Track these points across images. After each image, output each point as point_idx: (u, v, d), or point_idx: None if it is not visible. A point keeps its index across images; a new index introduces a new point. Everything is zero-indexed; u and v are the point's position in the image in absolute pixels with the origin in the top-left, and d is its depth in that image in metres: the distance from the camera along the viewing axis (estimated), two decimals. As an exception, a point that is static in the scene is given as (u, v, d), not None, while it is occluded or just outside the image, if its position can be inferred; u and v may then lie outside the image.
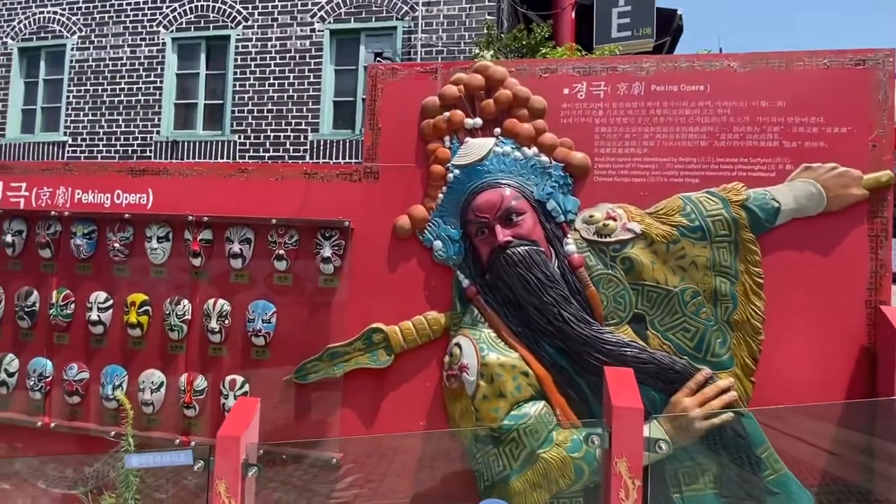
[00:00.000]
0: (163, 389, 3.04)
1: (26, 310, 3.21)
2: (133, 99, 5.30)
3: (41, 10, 5.59)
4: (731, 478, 2.41)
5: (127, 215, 3.08)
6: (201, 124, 5.19)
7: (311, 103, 4.82)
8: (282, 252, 2.90)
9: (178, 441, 2.96)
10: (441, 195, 2.80)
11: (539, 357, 2.60)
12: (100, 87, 5.40)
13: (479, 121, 2.80)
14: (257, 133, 4.90)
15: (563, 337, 2.57)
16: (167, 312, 3.02)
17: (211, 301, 2.97)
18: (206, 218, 2.98)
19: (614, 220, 2.61)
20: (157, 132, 5.22)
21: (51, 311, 3.17)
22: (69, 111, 5.50)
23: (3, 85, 5.68)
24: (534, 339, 2.62)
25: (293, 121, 4.87)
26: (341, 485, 2.87)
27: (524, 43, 5.55)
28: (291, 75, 4.83)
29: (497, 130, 2.77)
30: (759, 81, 2.57)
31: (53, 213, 3.17)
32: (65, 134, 5.46)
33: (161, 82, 5.24)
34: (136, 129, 5.27)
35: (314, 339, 2.87)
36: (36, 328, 3.25)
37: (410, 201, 2.85)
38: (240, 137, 4.91)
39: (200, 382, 2.98)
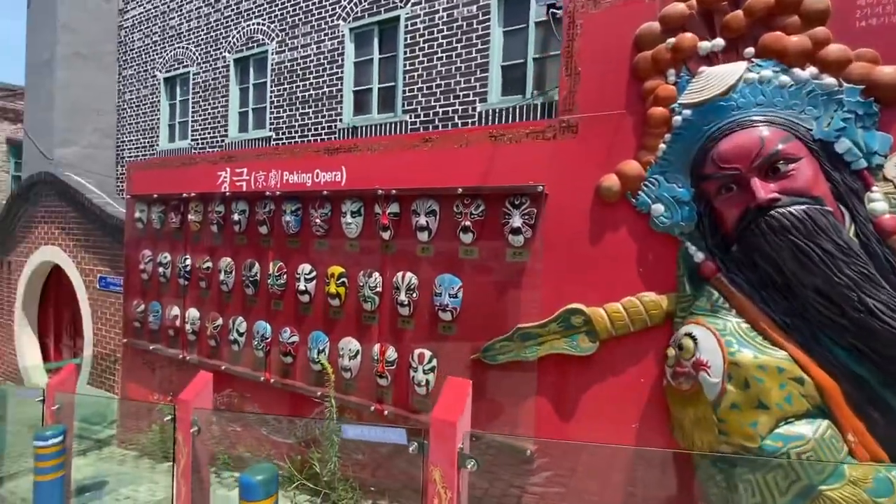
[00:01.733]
0: (359, 357, 3.16)
1: (251, 279, 3.68)
2: (319, 91, 5.80)
3: (248, 22, 6.47)
4: None
5: (325, 192, 3.24)
6: (376, 108, 5.41)
7: (478, 72, 4.55)
8: (467, 223, 2.69)
9: (372, 408, 3.05)
10: (663, 146, 2.23)
11: (820, 360, 1.89)
12: (293, 85, 6.05)
13: (719, 42, 2.14)
14: (427, 110, 4.87)
15: (863, 333, 1.81)
16: (361, 284, 3.10)
17: (400, 274, 2.95)
18: (393, 191, 2.94)
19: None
20: (340, 120, 5.62)
21: (269, 280, 3.56)
22: (272, 109, 6.31)
23: (225, 93, 6.76)
24: (811, 334, 1.91)
25: (461, 93, 4.69)
26: (536, 478, 2.59)
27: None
28: (459, 45, 4.62)
29: (749, 51, 2.07)
30: None
31: (268, 193, 3.53)
32: (269, 130, 6.27)
33: (342, 73, 5.60)
34: (323, 120, 5.77)
35: (502, 317, 2.62)
36: (258, 295, 3.70)
37: (619, 157, 2.35)
38: (411, 117, 4.94)
39: (391, 353, 2.99)
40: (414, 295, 2.90)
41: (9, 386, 5.42)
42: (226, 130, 6.97)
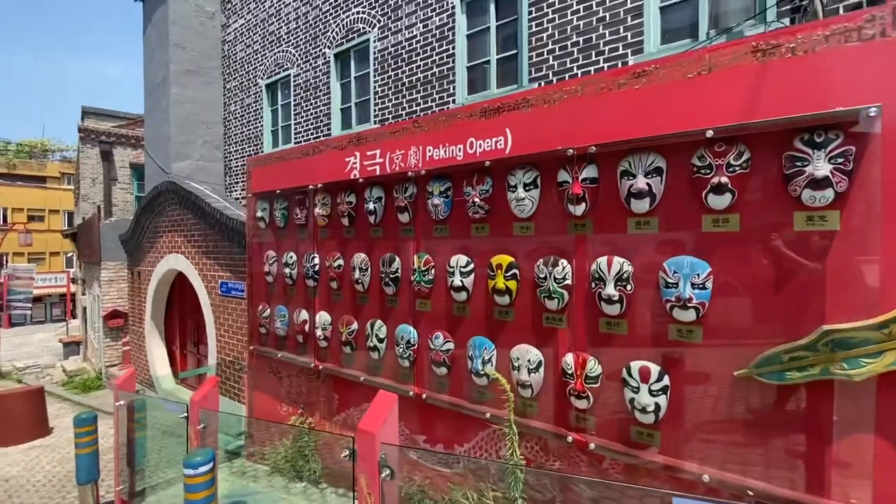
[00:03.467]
0: (541, 370, 2.47)
1: (391, 276, 3.16)
2: (428, 74, 5.30)
3: (347, 13, 6.17)
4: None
5: (487, 163, 2.60)
6: (494, 82, 4.73)
7: (629, 19, 3.69)
8: (722, 180, 1.89)
9: (569, 439, 2.34)
10: None
11: None
12: (399, 70, 5.62)
13: None
14: (560, 74, 4.11)
15: None
16: (542, 276, 2.42)
17: (602, 261, 2.21)
18: (592, 148, 2.22)
19: None
20: (453, 101, 5.06)
21: (413, 276, 3.01)
22: (376, 100, 5.94)
23: (326, 90, 6.52)
24: None
25: (605, 48, 3.87)
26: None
27: None
28: (601, -9, 3.79)
29: None
30: None
31: (410, 173, 2.98)
32: (374, 122, 5.89)
33: (452, 49, 5.03)
34: (433, 103, 5.25)
35: (792, 314, 1.78)
36: (400, 294, 3.18)
37: None
38: (540, 85, 4.19)
39: (594, 367, 2.27)
40: (628, 287, 2.15)
41: (152, 396, 5.57)
42: (329, 129, 6.75)
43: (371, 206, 3.25)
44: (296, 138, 7.31)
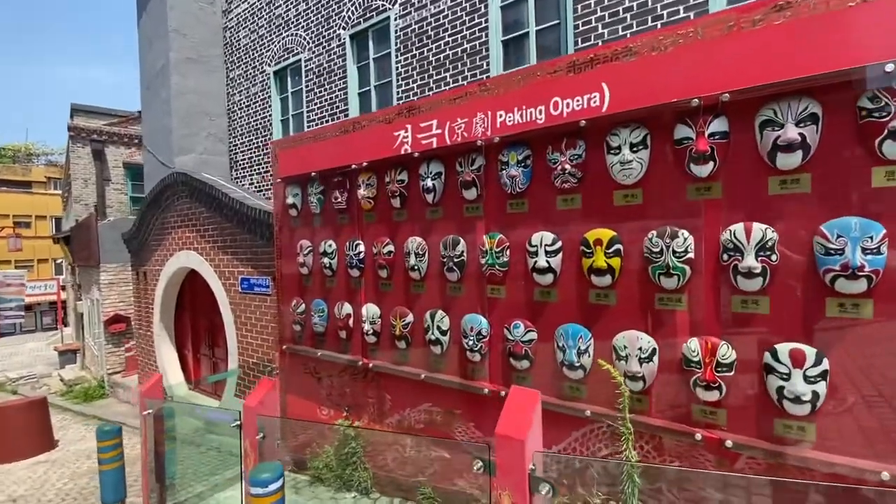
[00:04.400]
0: (655, 359, 2.15)
1: (454, 260, 2.82)
2: (458, 49, 4.95)
3: (365, -10, 5.76)
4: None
5: (583, 122, 2.27)
6: (534, 55, 4.39)
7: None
8: (908, 123, 1.58)
9: (698, 436, 2.02)
10: None
11: None
12: (424, 48, 5.27)
13: None
14: (612, 39, 3.77)
15: None
16: (656, 251, 2.09)
17: (737, 228, 1.90)
18: (724, 96, 1.90)
19: None
20: (486, 77, 4.69)
21: (483, 259, 2.67)
22: (398, 82, 5.59)
23: (342, 74, 6.15)
24: None
25: (664, 11, 3.55)
26: None
27: None
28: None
29: None
30: None
31: (480, 141, 2.64)
32: (397, 105, 5.52)
33: (485, 22, 4.69)
34: (464, 82, 4.88)
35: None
36: (465, 280, 2.84)
37: None
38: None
39: (727, 352, 1.95)
40: (772, 258, 1.83)
41: (186, 404, 5.14)
42: (346, 115, 6.37)
43: (429, 183, 2.90)
44: (309, 127, 6.91)
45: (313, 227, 3.77)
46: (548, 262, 2.42)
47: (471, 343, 2.75)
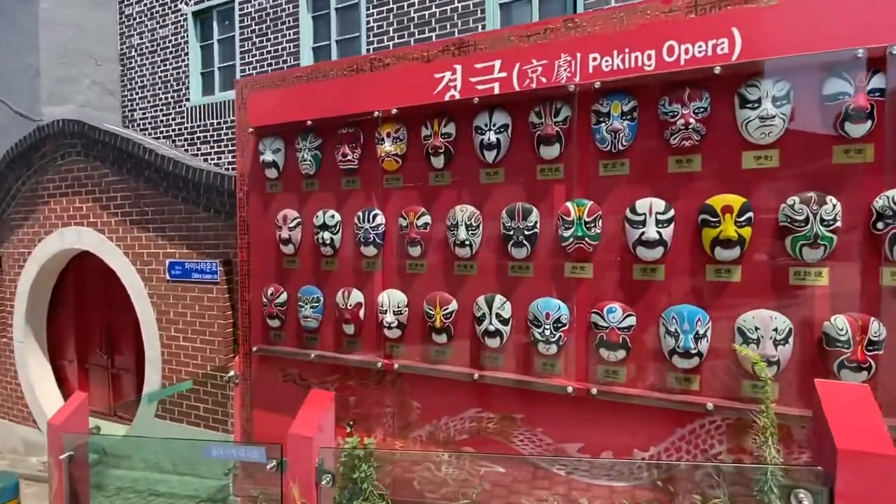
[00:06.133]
0: (791, 340, 1.91)
1: (525, 233, 2.32)
2: (448, 7, 4.36)
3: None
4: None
5: (717, 68, 1.93)
6: (536, 13, 4.04)
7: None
8: None
9: (850, 424, 1.82)
10: None
11: None
12: (405, 3, 4.56)
13: None
14: None
15: None
16: (800, 219, 1.85)
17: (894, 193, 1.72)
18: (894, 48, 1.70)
19: None
20: (483, 26, 4.22)
21: (568, 231, 2.22)
22: (370, 38, 4.81)
23: (292, 23, 5.18)
24: None
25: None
26: None
27: None
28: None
29: None
30: None
31: (572, 86, 2.17)
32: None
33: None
34: (456, 30, 4.33)
35: None
36: (535, 257, 2.36)
37: None
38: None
39: (877, 329, 1.78)
40: (943, 224, 1.69)
41: (187, 438, 3.49)
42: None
43: (491, 137, 2.35)
44: (243, 83, 5.72)
45: (304, 193, 2.94)
46: (659, 232, 2.06)
47: (546, 333, 2.27)
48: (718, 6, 1.98)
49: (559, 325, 2.27)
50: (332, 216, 2.79)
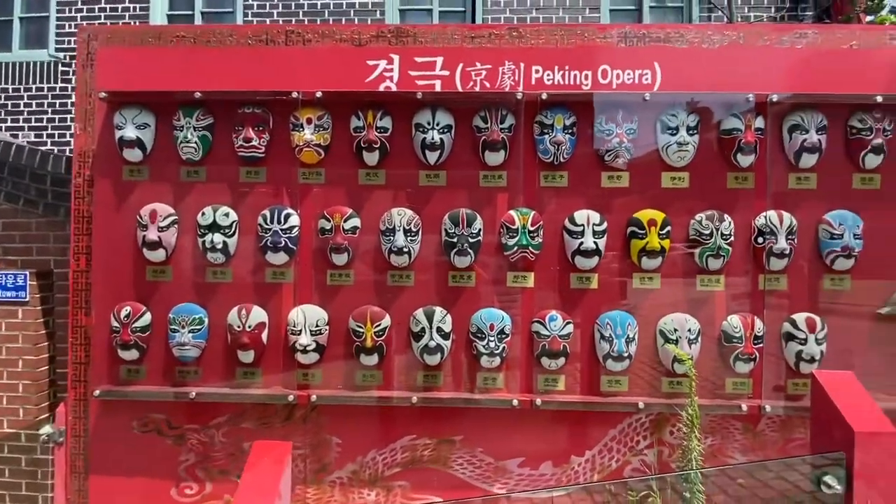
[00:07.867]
0: (700, 339, 2.18)
1: (468, 241, 2.18)
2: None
3: None
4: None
5: (647, 95, 2.14)
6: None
7: None
8: None
9: (744, 407, 2.14)
10: None
11: None
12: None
13: None
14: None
15: None
16: (706, 233, 2.14)
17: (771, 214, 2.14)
18: (773, 96, 2.12)
19: None
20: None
21: (512, 240, 2.17)
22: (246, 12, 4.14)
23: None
24: None
25: None
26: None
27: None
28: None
29: None
30: None
31: (520, 94, 2.15)
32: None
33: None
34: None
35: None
36: (476, 267, 2.24)
37: None
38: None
39: (760, 326, 2.16)
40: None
41: None
42: (137, 23, 4.30)
43: (435, 137, 2.18)
44: (59, 43, 4.32)
45: (183, 184, 2.29)
46: (595, 243, 2.16)
47: (491, 345, 2.16)
48: (643, 40, 2.21)
49: (503, 335, 2.19)
50: (227, 214, 2.23)
